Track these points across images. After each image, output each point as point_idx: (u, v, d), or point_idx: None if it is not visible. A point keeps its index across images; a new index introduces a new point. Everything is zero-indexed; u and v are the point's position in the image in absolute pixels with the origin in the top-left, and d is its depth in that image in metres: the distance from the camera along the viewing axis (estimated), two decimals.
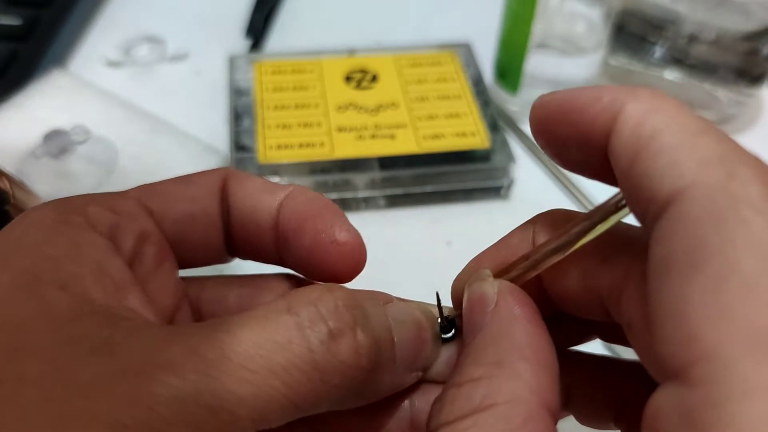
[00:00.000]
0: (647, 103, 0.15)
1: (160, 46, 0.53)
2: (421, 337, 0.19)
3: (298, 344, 0.16)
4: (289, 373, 0.15)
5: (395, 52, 0.49)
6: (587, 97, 0.16)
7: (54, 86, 0.45)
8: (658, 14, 0.45)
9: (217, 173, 0.21)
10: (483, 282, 0.19)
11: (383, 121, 0.44)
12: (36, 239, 0.17)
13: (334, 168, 0.42)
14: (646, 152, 0.15)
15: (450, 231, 0.42)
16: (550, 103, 0.17)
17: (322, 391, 0.16)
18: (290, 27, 0.57)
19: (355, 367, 0.16)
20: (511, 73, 0.47)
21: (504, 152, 0.43)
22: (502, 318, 0.18)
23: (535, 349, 0.17)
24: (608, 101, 0.16)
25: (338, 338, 0.16)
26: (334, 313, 0.16)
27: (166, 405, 0.14)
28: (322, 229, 0.20)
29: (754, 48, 0.45)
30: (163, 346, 0.15)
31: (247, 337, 0.15)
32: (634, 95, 0.16)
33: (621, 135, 0.15)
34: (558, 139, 0.17)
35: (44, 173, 0.40)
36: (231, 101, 0.45)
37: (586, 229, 0.18)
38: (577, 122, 0.16)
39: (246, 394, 0.15)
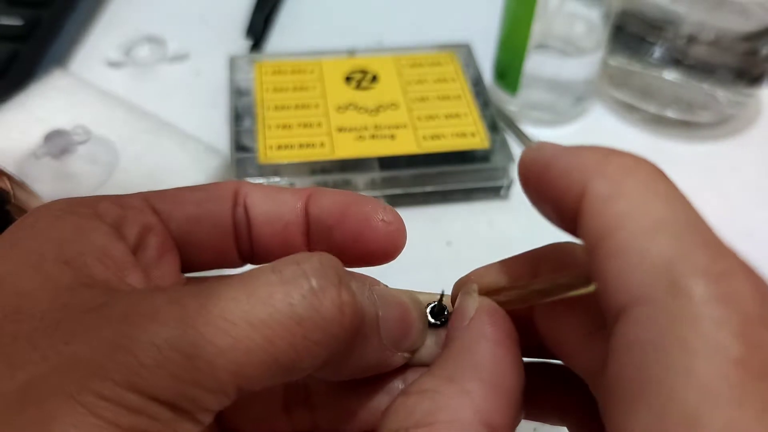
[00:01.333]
0: (611, 183, 0.15)
1: (160, 46, 0.53)
2: (406, 317, 0.19)
3: (280, 299, 0.16)
4: (269, 327, 0.15)
5: (395, 53, 0.49)
6: (560, 167, 0.16)
7: (55, 86, 0.45)
8: (657, 15, 0.46)
9: (229, 183, 0.22)
10: (467, 295, 0.19)
11: (383, 121, 0.44)
12: (43, 225, 0.18)
13: (334, 168, 0.42)
14: (602, 251, 0.15)
15: (450, 231, 0.42)
16: (533, 162, 0.17)
17: (303, 348, 0.16)
18: (290, 27, 0.57)
19: (338, 324, 0.16)
20: (511, 74, 0.47)
21: (504, 152, 0.43)
22: (470, 335, 0.18)
23: (493, 371, 0.17)
24: (576, 178, 0.16)
25: (320, 293, 0.16)
26: (319, 270, 0.16)
27: (145, 349, 0.14)
28: (371, 211, 0.21)
29: (753, 48, 0.45)
30: (148, 298, 0.16)
31: (228, 292, 0.15)
32: (600, 172, 0.15)
33: (584, 222, 0.15)
34: (537, 197, 0.18)
35: (45, 173, 0.40)
36: (231, 101, 0.45)
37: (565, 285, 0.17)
38: (551, 191, 0.17)
39: (224, 345, 0.15)
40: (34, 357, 0.15)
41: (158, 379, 0.14)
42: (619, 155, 0.16)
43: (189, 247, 0.21)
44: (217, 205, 0.21)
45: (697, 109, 0.48)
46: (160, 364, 0.14)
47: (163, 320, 0.15)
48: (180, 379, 0.14)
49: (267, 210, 0.21)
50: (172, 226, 0.20)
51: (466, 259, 0.42)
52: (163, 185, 0.44)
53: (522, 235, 0.42)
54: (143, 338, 0.14)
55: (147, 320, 0.15)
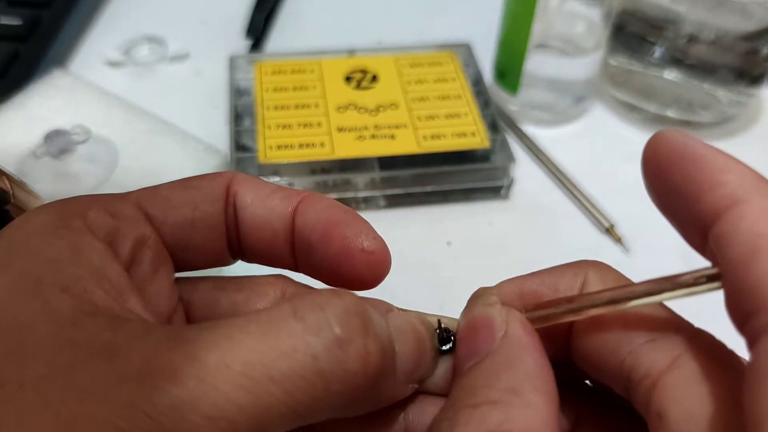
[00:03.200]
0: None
1: (160, 46, 0.53)
2: (420, 347, 0.19)
3: (303, 352, 0.15)
4: (291, 381, 0.15)
5: (395, 52, 0.49)
6: (715, 164, 0.16)
7: (55, 86, 0.45)
8: (657, 14, 0.46)
9: (221, 177, 0.21)
10: (491, 306, 0.19)
11: (383, 121, 0.44)
12: (36, 242, 0.17)
13: (334, 168, 0.42)
14: (765, 256, 0.14)
15: (450, 231, 0.42)
16: (673, 146, 0.17)
17: (324, 399, 0.15)
18: (290, 27, 0.57)
19: (362, 376, 0.16)
20: (511, 74, 0.47)
21: (504, 152, 0.43)
22: (512, 345, 0.18)
23: (545, 381, 0.17)
24: (734, 181, 0.16)
25: (346, 345, 0.16)
26: (344, 318, 0.16)
27: (165, 413, 0.14)
28: (351, 236, 0.20)
29: (753, 48, 0.45)
30: (164, 352, 0.15)
31: (248, 344, 0.15)
32: (760, 188, 0.15)
33: (739, 225, 0.15)
34: (664, 183, 0.17)
35: (45, 173, 0.40)
36: (231, 101, 0.45)
37: (649, 291, 0.17)
38: (691, 183, 0.16)
39: (245, 403, 0.14)
40: (46, 416, 0.14)
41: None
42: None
43: (183, 251, 0.20)
44: (211, 207, 0.20)
45: (697, 108, 0.48)
46: (182, 428, 0.14)
47: (182, 380, 0.14)
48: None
49: (256, 214, 0.21)
50: (166, 232, 0.20)
51: (466, 259, 0.43)
52: None
53: (522, 235, 0.42)
54: (164, 401, 0.14)
55: (166, 381, 0.14)
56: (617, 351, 0.18)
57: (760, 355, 0.14)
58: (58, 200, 0.19)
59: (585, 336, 0.19)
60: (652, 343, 0.17)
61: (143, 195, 0.20)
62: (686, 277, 0.17)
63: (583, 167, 0.45)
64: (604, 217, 0.42)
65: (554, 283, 0.20)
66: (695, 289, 0.16)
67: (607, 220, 0.42)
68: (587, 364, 0.19)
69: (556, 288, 0.19)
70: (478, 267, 0.39)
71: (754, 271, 0.14)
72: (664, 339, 0.17)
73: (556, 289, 0.19)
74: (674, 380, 0.16)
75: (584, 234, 0.42)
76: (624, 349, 0.18)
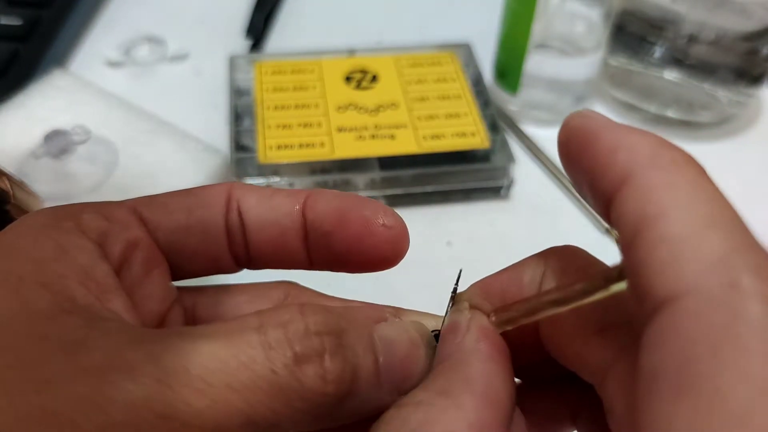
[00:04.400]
0: (663, 172, 0.15)
1: (160, 46, 0.53)
2: (412, 356, 0.19)
3: (262, 365, 0.15)
4: (250, 391, 0.15)
5: (395, 52, 0.49)
6: (609, 143, 0.16)
7: (54, 86, 0.45)
8: (657, 14, 0.46)
9: (221, 185, 0.21)
10: (458, 312, 0.19)
11: (383, 121, 0.44)
12: (24, 243, 0.17)
13: (334, 168, 0.42)
14: (648, 235, 0.14)
15: (450, 231, 0.42)
16: (580, 128, 0.17)
17: (284, 413, 0.15)
18: (290, 27, 0.57)
19: (321, 394, 0.16)
20: (511, 73, 0.47)
21: (504, 152, 0.43)
22: (463, 350, 0.18)
23: (486, 385, 0.17)
24: (624, 158, 0.15)
25: (303, 364, 0.16)
26: (303, 337, 0.16)
27: (119, 408, 0.14)
28: (371, 215, 0.20)
29: (753, 48, 0.45)
30: (127, 350, 0.15)
31: (209, 350, 0.15)
32: (651, 160, 0.15)
33: (625, 205, 0.15)
34: (572, 166, 0.17)
35: (45, 173, 0.40)
36: (231, 101, 0.45)
37: (587, 290, 0.17)
38: (593, 164, 0.16)
39: (201, 407, 0.15)
40: (2, 403, 0.14)
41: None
42: (671, 148, 0.15)
43: (179, 256, 0.20)
44: (207, 212, 0.20)
45: (697, 109, 0.48)
46: (135, 424, 0.14)
47: (140, 378, 0.14)
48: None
49: (261, 215, 0.21)
50: (160, 236, 0.20)
51: (466, 259, 0.42)
52: (163, 185, 0.44)
53: (522, 235, 0.42)
54: (118, 396, 0.14)
55: (123, 377, 0.14)
56: (572, 344, 0.18)
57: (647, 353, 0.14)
58: (54, 206, 0.19)
59: (547, 329, 0.19)
60: (601, 333, 0.17)
61: (140, 200, 0.20)
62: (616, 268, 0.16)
63: None
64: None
65: (518, 278, 0.19)
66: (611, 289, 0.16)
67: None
68: (557, 356, 0.19)
69: (520, 284, 0.19)
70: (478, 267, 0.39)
71: (635, 255, 0.14)
72: (612, 329, 0.17)
73: (520, 285, 0.19)
74: (619, 375, 0.16)
75: (584, 234, 0.42)
76: (577, 343, 0.18)
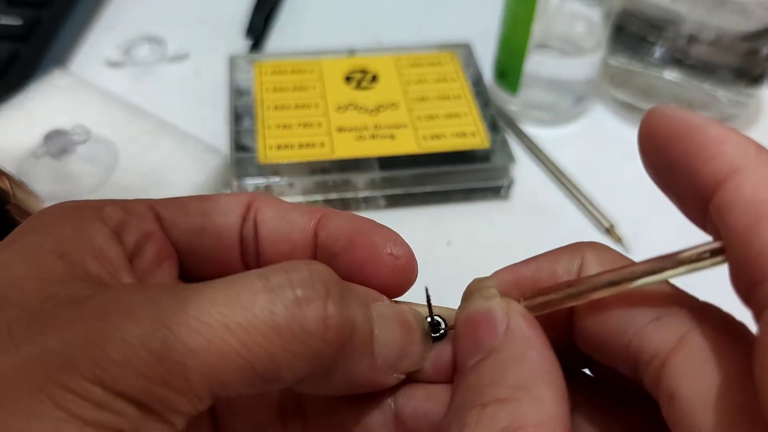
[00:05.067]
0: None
1: (160, 46, 0.53)
2: (407, 336, 0.19)
3: (261, 306, 0.15)
4: (247, 332, 0.15)
5: (395, 52, 0.49)
6: (712, 135, 0.16)
7: (54, 86, 0.45)
8: (657, 14, 0.46)
9: (242, 195, 0.21)
10: (490, 300, 0.19)
11: (383, 121, 0.44)
12: (48, 222, 0.18)
13: (334, 168, 0.42)
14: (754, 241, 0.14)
15: (450, 231, 0.42)
16: (673, 119, 0.17)
17: (282, 359, 0.15)
18: (290, 27, 0.57)
19: (320, 339, 0.16)
20: (511, 74, 0.47)
21: (504, 152, 0.43)
22: (516, 340, 0.18)
23: (553, 374, 0.17)
24: (732, 150, 0.15)
25: (304, 305, 0.16)
26: (306, 281, 0.16)
27: (114, 345, 0.14)
28: (379, 242, 0.20)
29: (753, 48, 0.45)
30: (127, 295, 0.16)
31: (208, 294, 0.15)
32: (759, 155, 0.15)
33: (740, 194, 0.15)
34: (659, 157, 0.17)
35: (45, 173, 0.40)
36: (231, 101, 0.45)
37: (651, 270, 0.17)
38: (691, 154, 0.16)
39: (196, 346, 0.15)
40: (8, 346, 0.15)
41: (126, 375, 0.14)
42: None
43: (190, 257, 0.20)
44: (223, 218, 0.20)
45: (697, 108, 0.48)
46: (129, 361, 0.14)
47: (137, 317, 0.15)
48: (148, 378, 0.14)
49: (276, 229, 0.21)
50: (174, 235, 0.20)
51: (466, 259, 0.42)
52: (163, 185, 0.44)
53: (522, 235, 0.42)
54: (114, 334, 0.15)
55: (120, 317, 0.15)
56: (622, 333, 0.18)
57: (766, 325, 0.14)
58: (80, 200, 0.20)
59: (587, 319, 0.18)
60: (657, 321, 0.17)
61: (159, 200, 0.21)
62: (689, 253, 0.16)
63: (583, 167, 0.45)
64: (604, 217, 0.42)
65: (551, 268, 0.19)
66: (698, 265, 0.16)
67: (607, 220, 0.42)
68: (592, 348, 0.19)
69: (553, 273, 0.19)
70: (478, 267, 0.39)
71: (759, 240, 0.14)
72: (669, 316, 0.17)
73: (553, 274, 0.19)
74: (683, 359, 0.16)
75: (584, 234, 0.42)
76: (629, 330, 0.17)
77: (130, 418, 0.14)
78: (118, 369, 0.14)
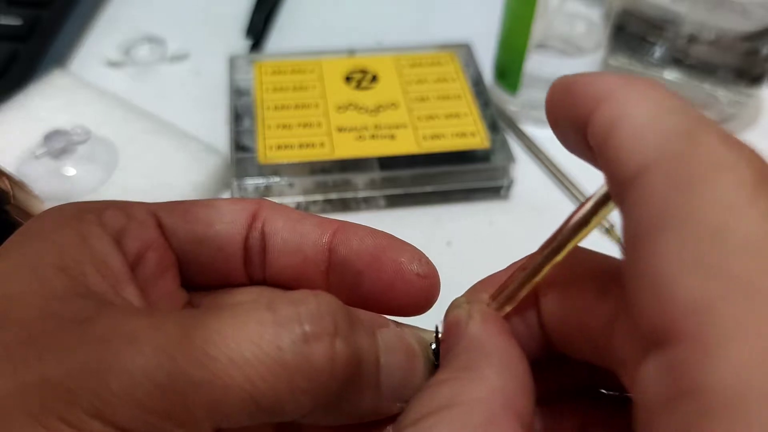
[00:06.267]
0: (635, 90, 0.15)
1: (160, 46, 0.53)
2: (411, 364, 0.19)
3: (269, 341, 0.15)
4: (252, 367, 0.15)
5: (395, 53, 0.49)
6: (585, 80, 0.16)
7: (54, 86, 0.45)
8: (657, 14, 0.46)
9: (247, 202, 0.21)
10: (457, 308, 0.19)
11: (383, 121, 0.44)
12: (48, 229, 0.18)
13: (334, 168, 0.42)
14: (616, 131, 0.15)
15: (450, 231, 0.42)
16: (559, 83, 0.17)
17: (287, 394, 0.15)
18: (290, 27, 0.57)
19: (328, 375, 0.16)
20: (511, 74, 0.47)
21: (504, 152, 0.43)
22: (472, 333, 0.18)
23: (502, 357, 0.17)
24: (601, 87, 0.16)
25: (312, 342, 0.15)
26: (315, 316, 0.16)
27: (117, 376, 0.14)
28: (406, 261, 0.20)
29: (753, 48, 0.45)
30: (131, 320, 0.15)
31: (216, 325, 0.15)
32: (627, 84, 0.15)
33: (598, 116, 0.15)
34: (556, 119, 0.17)
35: (45, 173, 0.40)
36: (231, 101, 0.45)
37: (577, 225, 0.17)
38: (570, 103, 0.16)
39: (200, 379, 0.14)
40: (6, 370, 0.14)
41: (127, 408, 0.14)
42: (646, 80, 0.16)
43: (191, 265, 0.20)
44: (226, 228, 0.20)
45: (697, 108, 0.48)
46: (130, 393, 0.14)
47: (141, 347, 0.14)
48: (150, 410, 0.14)
49: (286, 240, 0.20)
50: (174, 242, 0.20)
51: (466, 259, 0.42)
52: (163, 185, 0.44)
53: (522, 235, 0.42)
54: (117, 365, 0.14)
55: (124, 345, 0.14)
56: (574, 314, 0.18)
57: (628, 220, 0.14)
58: (81, 201, 0.19)
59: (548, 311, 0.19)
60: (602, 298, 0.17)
61: (162, 205, 0.20)
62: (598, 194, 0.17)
63: (583, 167, 0.45)
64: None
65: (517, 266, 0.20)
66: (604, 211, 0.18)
67: (607, 220, 0.42)
68: (561, 341, 0.19)
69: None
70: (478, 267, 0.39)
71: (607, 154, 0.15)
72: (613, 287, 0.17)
73: None
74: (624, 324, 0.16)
75: None
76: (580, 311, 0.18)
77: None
78: (118, 401, 0.14)
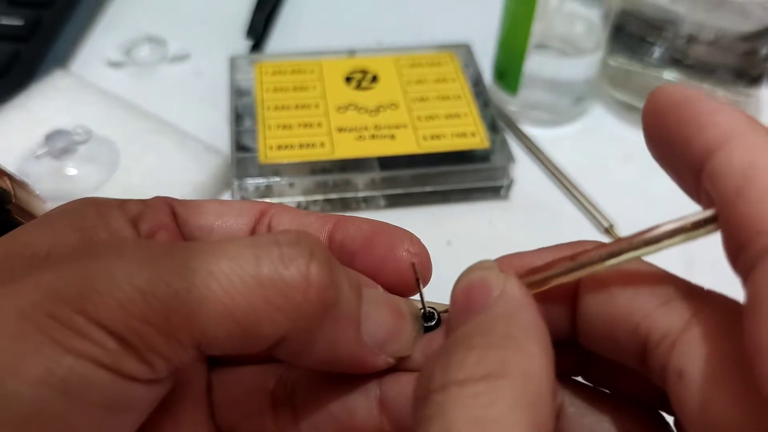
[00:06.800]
0: (761, 137, 0.15)
1: (161, 46, 0.53)
2: (396, 320, 0.19)
3: (247, 259, 0.16)
4: (230, 281, 0.16)
5: (395, 53, 0.49)
6: (706, 106, 0.16)
7: (56, 87, 0.45)
8: (657, 15, 0.46)
9: (259, 202, 0.22)
10: (488, 270, 0.19)
11: (383, 121, 0.44)
12: (71, 206, 0.19)
13: (334, 168, 0.42)
14: (756, 187, 0.15)
15: (450, 231, 0.42)
16: (671, 94, 0.17)
17: (263, 311, 0.16)
18: (291, 27, 0.57)
19: (302, 294, 0.16)
20: (511, 74, 0.47)
21: (504, 152, 0.43)
22: (509, 301, 0.17)
23: (542, 336, 0.17)
24: (725, 120, 0.16)
25: (288, 260, 0.16)
26: (293, 242, 0.17)
27: (101, 279, 0.15)
28: (397, 242, 0.21)
29: (752, 48, 0.45)
30: (122, 240, 0.17)
31: (197, 246, 0.16)
32: (750, 124, 0.16)
33: (731, 157, 0.15)
34: (658, 131, 0.17)
35: (46, 173, 0.40)
36: (232, 102, 0.45)
37: (651, 239, 0.17)
38: (686, 124, 0.16)
39: (180, 288, 0.15)
40: (6, 278, 0.16)
41: (109, 308, 0.15)
42: (759, 123, 0.16)
43: None
44: (235, 220, 0.21)
45: None
46: (113, 294, 0.15)
47: (126, 257, 0.16)
48: (130, 313, 0.15)
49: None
50: (185, 231, 0.21)
51: (466, 259, 0.42)
52: (164, 185, 0.44)
53: (522, 235, 0.42)
54: (102, 269, 0.15)
55: (111, 256, 0.16)
56: (630, 317, 0.18)
57: (755, 284, 0.14)
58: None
59: (593, 305, 0.19)
60: (666, 305, 0.17)
61: (177, 199, 0.21)
62: (684, 222, 0.17)
63: (582, 167, 0.45)
64: (603, 217, 0.42)
65: (551, 257, 0.19)
66: (693, 234, 0.16)
67: (607, 220, 0.42)
68: (596, 337, 0.19)
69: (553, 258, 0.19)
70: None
71: (745, 201, 0.15)
72: (677, 300, 0.17)
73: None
74: (692, 339, 0.16)
75: (584, 234, 0.42)
76: (637, 314, 0.18)
77: (109, 350, 0.15)
78: (100, 299, 0.15)
